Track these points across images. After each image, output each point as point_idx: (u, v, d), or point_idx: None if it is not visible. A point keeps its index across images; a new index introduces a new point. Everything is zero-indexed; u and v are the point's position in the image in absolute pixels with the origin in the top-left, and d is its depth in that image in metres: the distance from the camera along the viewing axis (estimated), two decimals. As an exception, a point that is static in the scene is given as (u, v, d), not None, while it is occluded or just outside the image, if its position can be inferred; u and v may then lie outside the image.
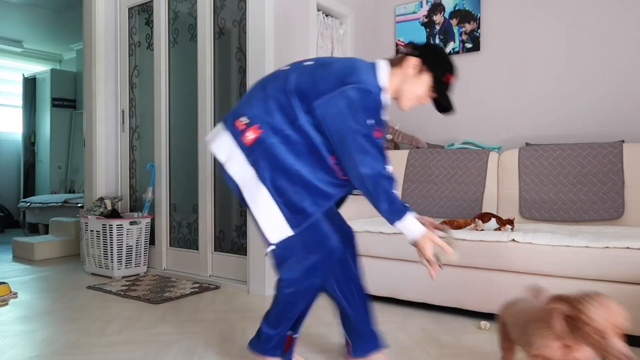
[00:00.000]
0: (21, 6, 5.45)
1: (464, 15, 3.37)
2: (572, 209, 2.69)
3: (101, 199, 3.50)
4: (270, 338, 1.64)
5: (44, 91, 6.37)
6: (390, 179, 1.49)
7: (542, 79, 3.13)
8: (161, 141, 3.48)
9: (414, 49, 1.65)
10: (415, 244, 1.53)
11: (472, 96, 3.38)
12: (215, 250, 3.22)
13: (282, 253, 1.57)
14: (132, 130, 3.76)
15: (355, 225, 2.70)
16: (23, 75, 6.60)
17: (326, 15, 3.37)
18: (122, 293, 2.82)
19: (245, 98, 1.65)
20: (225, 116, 1.66)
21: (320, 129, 1.53)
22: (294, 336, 1.73)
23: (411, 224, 1.50)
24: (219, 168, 1.79)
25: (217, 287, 2.98)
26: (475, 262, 2.29)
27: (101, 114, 3.74)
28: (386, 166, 1.50)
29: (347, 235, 1.76)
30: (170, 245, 3.49)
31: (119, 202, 3.63)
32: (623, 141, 2.69)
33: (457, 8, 3.40)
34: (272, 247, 1.56)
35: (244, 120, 1.58)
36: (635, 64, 2.84)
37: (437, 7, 3.48)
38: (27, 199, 5.44)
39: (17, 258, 4.12)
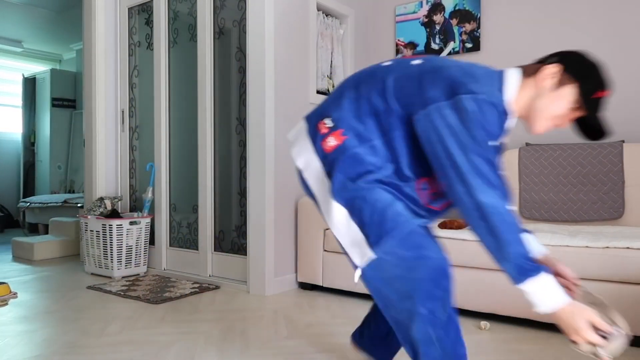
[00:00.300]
0: (21, 6, 5.45)
1: (464, 15, 3.37)
2: (572, 209, 2.69)
3: (101, 199, 3.50)
4: None
5: (43, 91, 6.37)
6: (515, 220, 1.14)
7: (542, 79, 3.13)
8: (161, 141, 3.48)
9: (553, 55, 1.29)
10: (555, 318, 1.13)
11: (472, 96, 3.38)
12: (215, 250, 3.21)
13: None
14: (132, 130, 3.76)
15: (355, 225, 2.70)
16: (23, 75, 6.60)
17: (326, 15, 3.37)
18: (122, 293, 2.82)
19: (334, 95, 1.39)
20: (310, 113, 1.42)
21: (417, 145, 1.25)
22: None
23: (546, 288, 1.12)
24: (297, 175, 1.61)
25: (217, 287, 2.98)
26: (475, 262, 2.29)
27: (101, 114, 3.74)
28: (508, 204, 1.16)
29: None
30: (170, 245, 3.49)
31: (119, 202, 3.63)
32: (623, 141, 2.69)
33: (457, 8, 3.40)
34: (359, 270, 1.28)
35: (327, 122, 1.33)
36: (635, 64, 2.84)
37: (437, 7, 3.48)
38: (27, 199, 5.44)
39: (17, 258, 4.12)
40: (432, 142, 1.19)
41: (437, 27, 3.48)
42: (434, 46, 3.50)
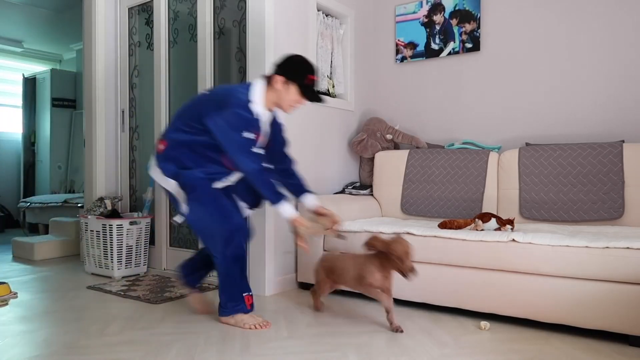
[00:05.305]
0: (21, 6, 5.45)
1: (464, 15, 3.37)
2: (572, 209, 2.69)
3: (101, 199, 3.50)
4: None
5: (44, 91, 6.36)
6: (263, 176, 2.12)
7: (542, 79, 3.13)
8: (161, 141, 3.48)
9: (276, 67, 2.15)
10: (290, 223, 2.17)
11: (472, 96, 3.38)
12: (215, 250, 3.21)
13: None
14: (132, 130, 3.76)
15: (355, 225, 2.70)
16: (23, 75, 6.60)
17: (326, 15, 3.37)
18: (122, 293, 2.82)
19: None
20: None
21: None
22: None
23: (285, 209, 2.12)
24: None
25: (217, 287, 2.97)
26: (475, 262, 2.29)
27: (101, 114, 3.74)
28: (259, 166, 2.13)
29: None
30: (170, 245, 3.49)
31: (119, 202, 3.63)
32: (623, 141, 2.69)
33: (457, 8, 3.39)
34: None
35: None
36: (635, 64, 2.84)
37: (437, 7, 3.48)
38: (27, 199, 5.44)
39: (17, 258, 4.12)
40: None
41: (437, 27, 3.48)
42: (434, 46, 3.50)
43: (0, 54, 6.68)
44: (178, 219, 2.33)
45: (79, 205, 4.82)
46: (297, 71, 2.12)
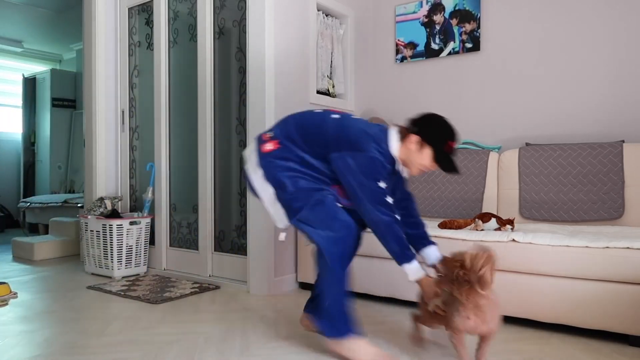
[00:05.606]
0: (21, 6, 5.45)
1: (464, 15, 3.37)
2: (572, 209, 2.69)
3: (101, 199, 3.50)
4: None
5: (43, 91, 6.36)
6: (393, 229, 1.81)
7: (542, 79, 3.13)
8: (161, 141, 3.48)
9: (414, 124, 1.85)
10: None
11: (472, 96, 3.38)
12: (215, 250, 3.22)
13: None
14: (132, 130, 3.76)
15: (355, 225, 2.70)
16: (23, 75, 6.60)
17: (326, 15, 3.37)
18: (122, 293, 2.82)
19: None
20: None
21: None
22: None
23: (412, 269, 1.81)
24: None
25: (217, 287, 2.98)
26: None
27: (101, 114, 3.74)
28: (392, 217, 1.82)
29: None
30: (170, 245, 3.49)
31: (119, 202, 3.63)
32: (623, 141, 2.69)
33: (457, 8, 3.40)
34: None
35: None
36: (635, 64, 2.84)
37: (437, 7, 3.48)
38: (27, 199, 5.44)
39: (17, 258, 4.12)
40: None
41: (437, 27, 3.48)
42: (434, 46, 3.50)
43: (0, 54, 6.68)
44: (283, 236, 1.99)
45: (79, 205, 4.82)
46: (436, 135, 1.81)
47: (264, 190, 1.87)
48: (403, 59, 3.65)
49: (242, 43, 3.07)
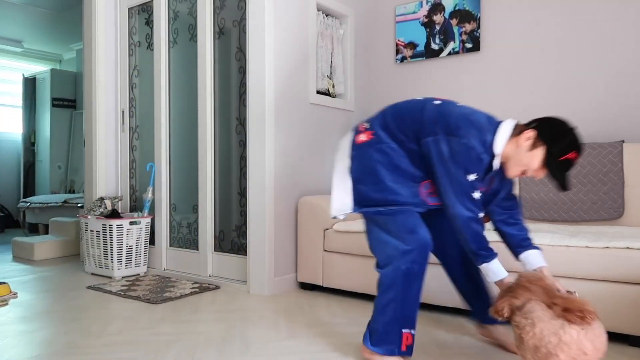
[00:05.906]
0: (21, 6, 5.45)
1: (464, 15, 3.37)
2: (572, 209, 2.69)
3: (101, 199, 3.50)
4: None
5: (43, 91, 6.37)
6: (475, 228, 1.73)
7: (542, 79, 3.13)
8: (161, 141, 3.48)
9: (534, 120, 1.66)
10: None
11: (472, 96, 3.38)
12: (215, 250, 3.22)
13: None
14: (132, 130, 3.76)
15: (355, 225, 2.70)
16: (23, 75, 6.60)
17: (326, 15, 3.37)
18: (122, 293, 2.82)
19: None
20: None
21: None
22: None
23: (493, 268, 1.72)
24: None
25: (217, 287, 2.98)
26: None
27: (101, 114, 3.74)
28: (475, 214, 1.72)
29: None
30: (170, 245, 3.49)
31: (119, 202, 3.63)
32: (623, 141, 2.69)
33: (457, 8, 3.39)
34: None
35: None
36: (635, 63, 2.84)
37: (437, 7, 3.48)
38: (27, 199, 5.44)
39: (17, 258, 4.12)
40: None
41: (437, 27, 3.48)
42: (434, 46, 3.50)
43: (0, 54, 6.68)
44: (343, 216, 1.87)
45: (79, 205, 4.82)
46: (559, 138, 1.58)
47: (342, 180, 1.81)
48: (403, 59, 3.65)
49: (242, 43, 3.07)
